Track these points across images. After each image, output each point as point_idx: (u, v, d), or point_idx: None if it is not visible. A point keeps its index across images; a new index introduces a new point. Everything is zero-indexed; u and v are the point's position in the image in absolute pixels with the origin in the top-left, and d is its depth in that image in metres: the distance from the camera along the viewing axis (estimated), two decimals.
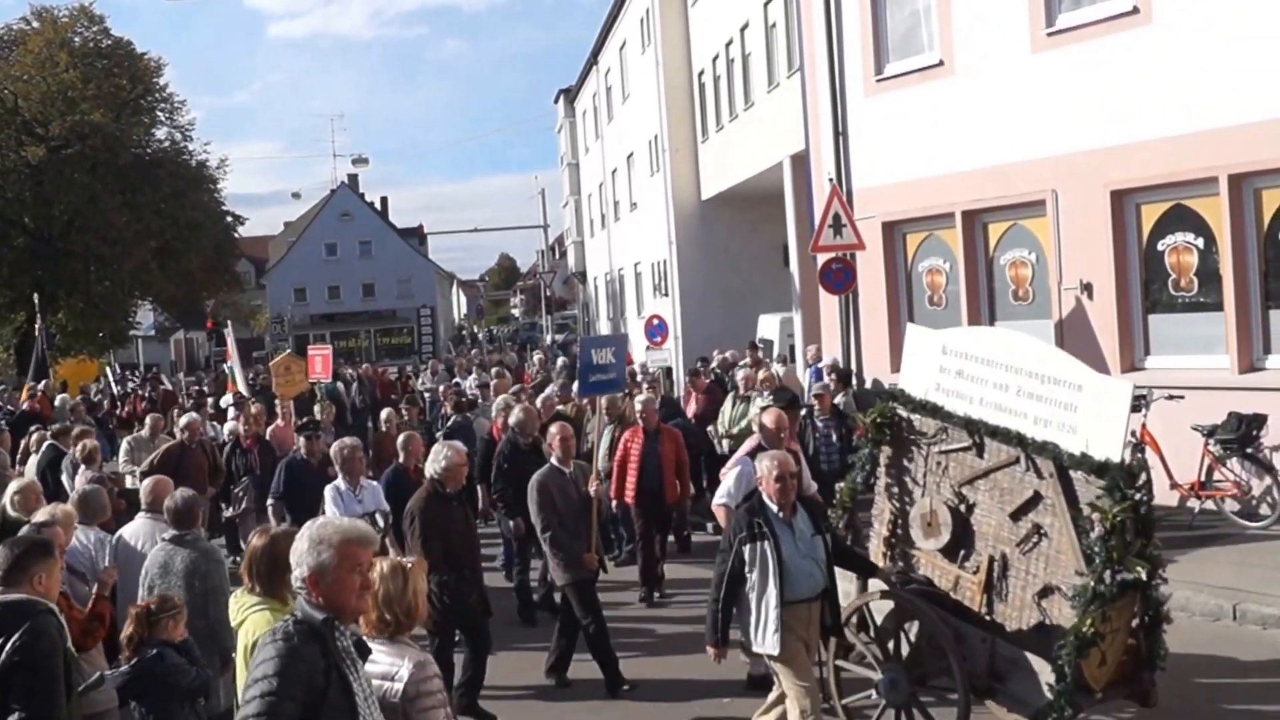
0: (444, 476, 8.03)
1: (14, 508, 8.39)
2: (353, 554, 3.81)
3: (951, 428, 7.23)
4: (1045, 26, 13.35)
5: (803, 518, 6.67)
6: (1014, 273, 14.39)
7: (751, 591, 6.53)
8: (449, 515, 7.97)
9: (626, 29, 35.86)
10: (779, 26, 21.73)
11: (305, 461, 11.04)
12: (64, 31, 42.04)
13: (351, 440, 9.93)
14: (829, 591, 6.72)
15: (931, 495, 7.37)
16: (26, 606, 4.75)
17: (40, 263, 40.20)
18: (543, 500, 8.80)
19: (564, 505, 8.82)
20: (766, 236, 26.44)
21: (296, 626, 3.72)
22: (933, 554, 7.33)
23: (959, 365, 7.32)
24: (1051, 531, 6.69)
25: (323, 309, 74.39)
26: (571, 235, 56.30)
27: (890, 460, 7.69)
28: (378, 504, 9.40)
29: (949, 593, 7.18)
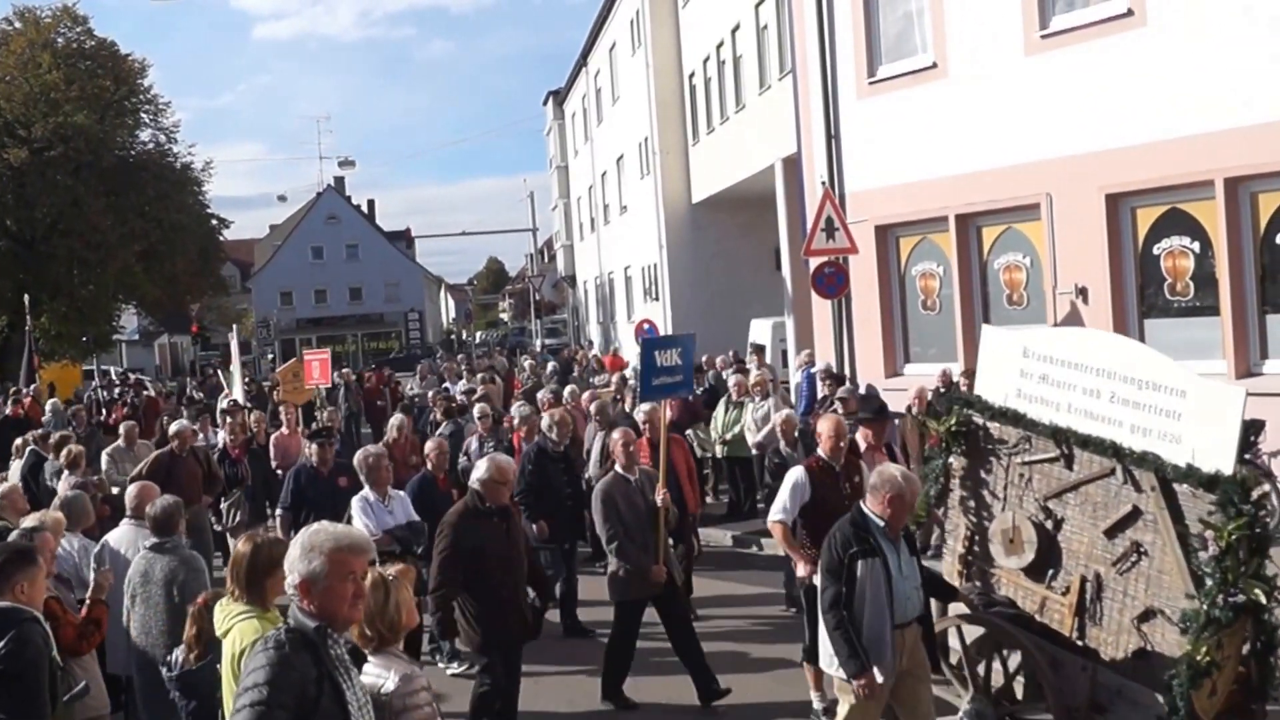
0: (484, 489, 7.40)
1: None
2: (344, 562, 3.75)
3: (1036, 437, 6.81)
4: (1039, 29, 13.32)
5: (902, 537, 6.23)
6: (1008, 277, 14.34)
7: (863, 612, 6.01)
8: (487, 532, 7.30)
9: (616, 31, 35.83)
10: (770, 28, 21.68)
11: (315, 470, 10.44)
12: (47, 32, 41.84)
13: (376, 448, 9.51)
14: (924, 617, 6.33)
15: (1013, 509, 6.94)
16: (12, 615, 4.74)
17: (22, 266, 40.01)
18: (608, 509, 8.35)
19: (630, 515, 8.35)
20: (758, 240, 26.40)
21: (289, 635, 3.67)
22: (1015, 573, 6.91)
23: (1043, 369, 6.91)
24: (1153, 550, 6.24)
25: (309, 313, 74.25)
26: (561, 239, 56.24)
27: (966, 471, 7.28)
28: (408, 514, 9.00)
29: (1034, 615, 6.76)
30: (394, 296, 74.21)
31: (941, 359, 14.70)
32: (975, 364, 13.75)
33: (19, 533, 6.17)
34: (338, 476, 10.29)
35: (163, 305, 50.43)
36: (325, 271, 74.13)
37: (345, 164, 66.04)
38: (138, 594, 6.75)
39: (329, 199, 75.55)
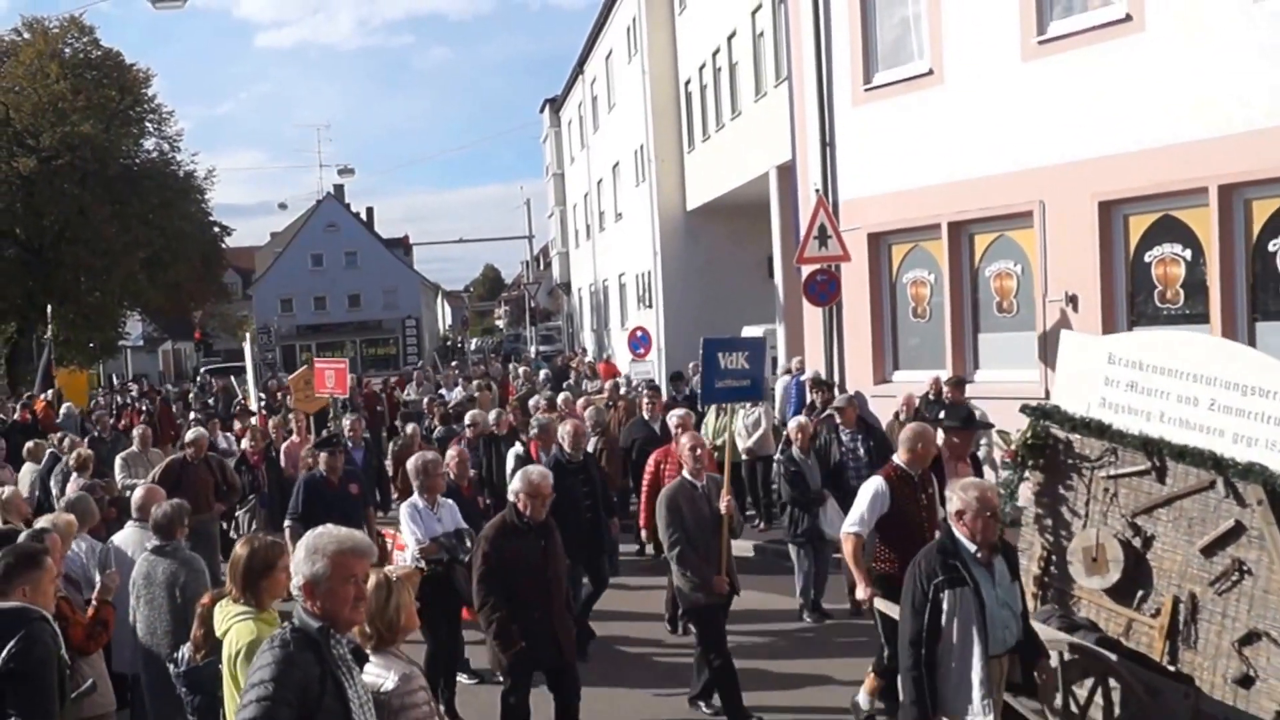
0: (519, 503, 7.09)
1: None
2: (347, 565, 3.89)
3: (1123, 449, 6.40)
4: (1036, 35, 13.31)
5: (999, 559, 5.74)
6: (999, 284, 14.38)
7: (949, 648, 5.47)
8: (524, 547, 6.97)
9: (613, 38, 35.91)
10: (766, 35, 21.76)
11: (325, 479, 10.41)
12: (54, 43, 42.07)
13: (432, 455, 9.30)
14: (1022, 646, 5.83)
15: (1097, 526, 6.52)
16: (20, 614, 4.81)
17: (31, 273, 40.28)
18: (672, 516, 8.07)
19: (694, 522, 8.07)
20: (751, 248, 26.45)
21: (293, 634, 3.81)
22: (1098, 594, 6.50)
23: (1130, 376, 6.52)
24: (1257, 568, 5.80)
25: (309, 320, 74.26)
26: (556, 246, 56.26)
27: (1042, 486, 6.88)
28: (456, 522, 8.81)
29: (1120, 638, 6.34)
30: (392, 303, 74.21)
31: (931, 366, 14.77)
32: (963, 372, 14.01)
33: (28, 534, 6.26)
34: (348, 485, 10.29)
35: (166, 312, 50.80)
36: (325, 278, 74.16)
37: (344, 172, 66.09)
38: (141, 595, 6.90)
39: (328, 207, 75.59)
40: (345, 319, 74.62)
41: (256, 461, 13.35)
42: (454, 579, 8.42)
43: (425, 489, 8.81)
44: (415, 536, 8.58)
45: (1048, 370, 13.38)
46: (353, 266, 74.66)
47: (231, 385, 29.67)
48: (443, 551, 8.51)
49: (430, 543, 8.51)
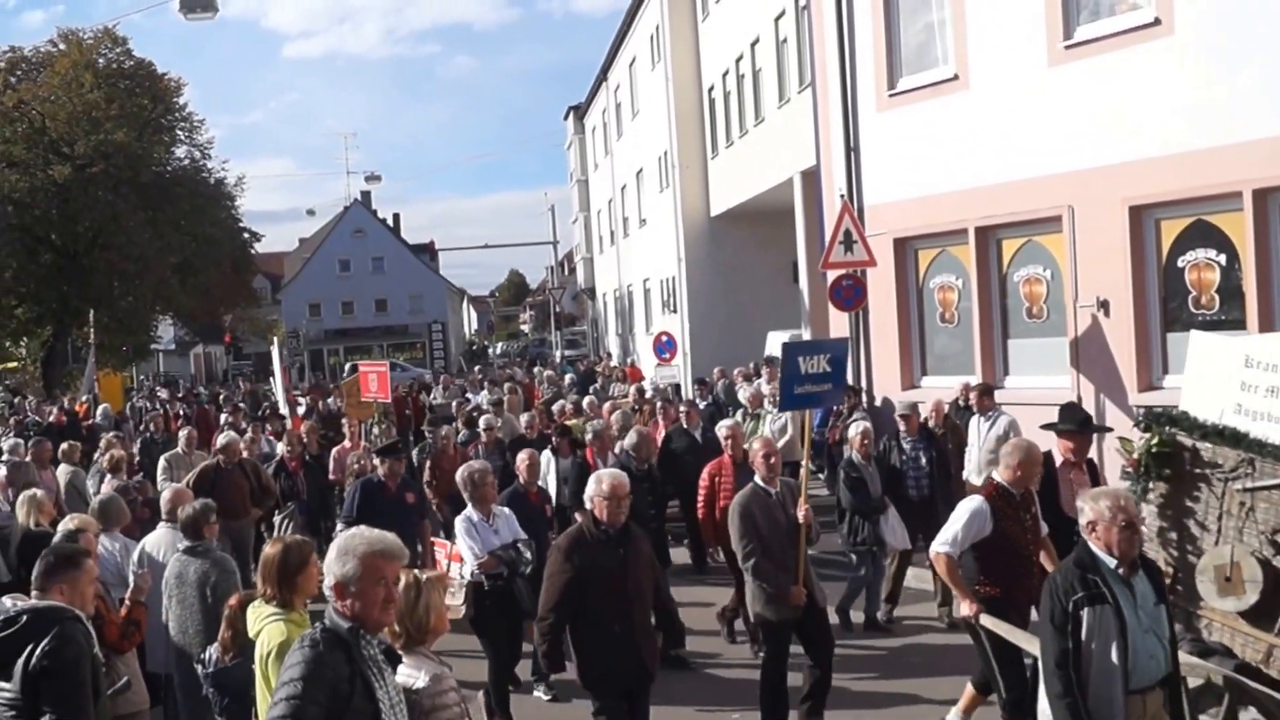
0: (596, 509, 6.61)
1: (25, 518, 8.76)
2: (377, 566, 3.91)
3: (1261, 459, 5.95)
4: (1063, 39, 13.20)
5: (1142, 578, 5.16)
6: (1028, 290, 14.28)
7: (1090, 673, 5.00)
8: (601, 557, 6.46)
9: (636, 45, 35.96)
10: (790, 41, 21.75)
11: (382, 484, 10.08)
12: (89, 53, 42.66)
13: (480, 464, 8.97)
14: (1171, 678, 5.25)
15: (1231, 543, 6.02)
16: (54, 613, 4.86)
17: (66, 279, 40.80)
18: (746, 525, 7.71)
19: (769, 530, 7.73)
20: (776, 253, 26.42)
21: (323, 634, 3.85)
22: (1232, 616, 6.00)
23: (1271, 380, 6.07)
24: None
25: (337, 324, 74.72)
26: (581, 251, 56.42)
27: (1166, 498, 6.40)
28: (514, 533, 8.45)
29: (1259, 665, 5.90)
30: (418, 308, 74.49)
31: (959, 372, 14.68)
32: (993, 378, 13.94)
33: (63, 535, 6.33)
34: (404, 493, 10.05)
35: (197, 316, 51.35)
36: (352, 283, 74.59)
37: (371, 179, 66.78)
38: (174, 595, 6.98)
39: (356, 213, 76.03)
40: (372, 323, 75.00)
41: (295, 467, 13.15)
42: (514, 592, 8.20)
43: (477, 499, 8.48)
44: (473, 551, 8.27)
45: (1079, 376, 13.34)
46: (379, 272, 75.05)
47: (258, 388, 29.88)
48: (501, 565, 8.22)
49: (488, 556, 8.21)
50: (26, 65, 42.86)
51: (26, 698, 4.72)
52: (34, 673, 4.71)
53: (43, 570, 5.07)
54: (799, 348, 8.95)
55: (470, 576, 8.26)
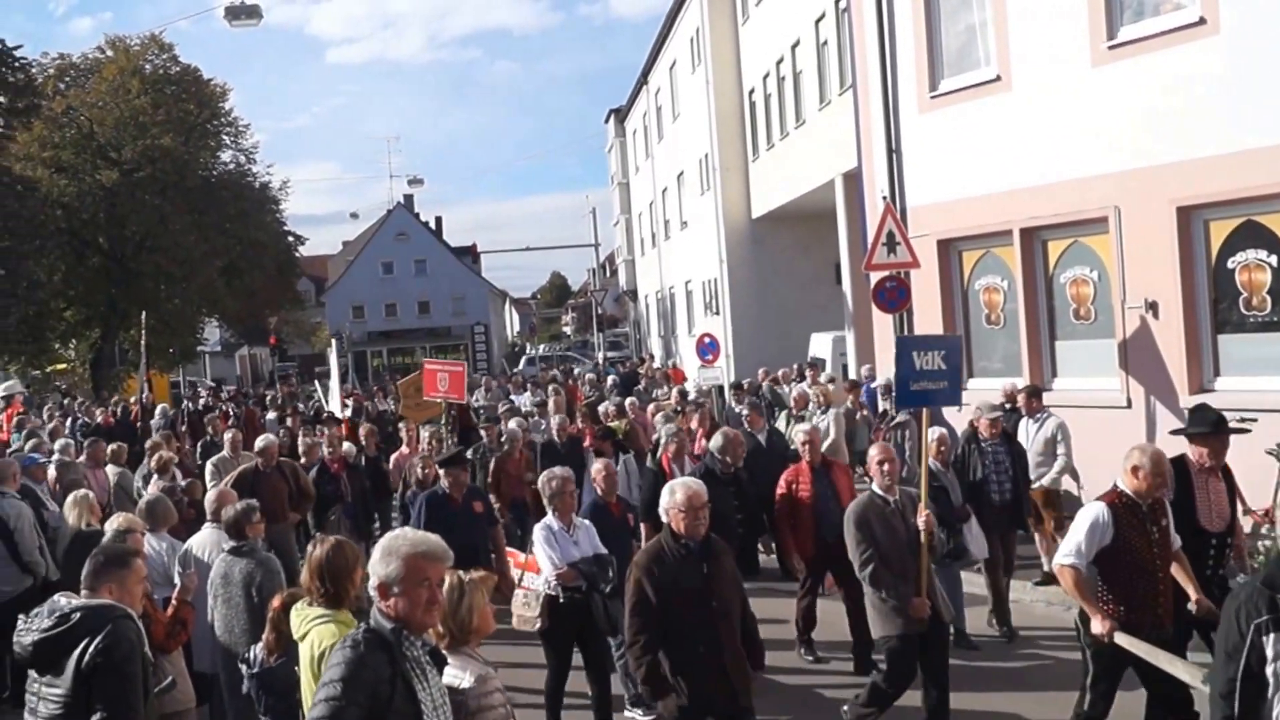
0: (674, 520, 6.13)
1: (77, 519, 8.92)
2: (420, 568, 3.91)
3: None
4: (1106, 39, 13.09)
5: None
6: (1075, 291, 14.15)
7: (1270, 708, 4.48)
8: (683, 573, 6.01)
9: (677, 49, 36.00)
10: (830, 44, 21.70)
11: (447, 496, 9.56)
12: (136, 59, 43.28)
13: (562, 470, 8.46)
14: None
15: None
16: (106, 612, 4.91)
17: (114, 282, 41.39)
18: (863, 533, 7.35)
19: (887, 539, 7.35)
20: (818, 255, 26.39)
21: (366, 635, 3.84)
22: None
23: None
24: None
25: (380, 326, 75.31)
26: (622, 254, 56.53)
27: None
28: (594, 546, 8.06)
29: None
30: (460, 310, 74.88)
31: (1006, 374, 14.57)
32: (1041, 380, 13.82)
33: (112, 534, 6.41)
34: (472, 502, 9.60)
35: (242, 318, 51.86)
36: (395, 286, 75.13)
37: (414, 182, 67.41)
38: (219, 595, 7.05)
39: (399, 216, 76.63)
40: (415, 325, 75.49)
41: (338, 470, 12.71)
42: (593, 607, 7.84)
43: (558, 508, 8.09)
44: (552, 562, 7.91)
45: (1128, 378, 13.20)
46: (422, 274, 75.55)
47: (298, 389, 30.04)
48: (580, 579, 7.83)
49: (568, 568, 7.84)
50: (75, 72, 43.52)
51: (78, 694, 4.77)
52: (86, 670, 4.76)
53: (93, 569, 5.12)
54: (913, 343, 8.62)
55: (547, 589, 7.96)
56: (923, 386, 8.30)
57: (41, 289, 36.01)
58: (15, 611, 5.22)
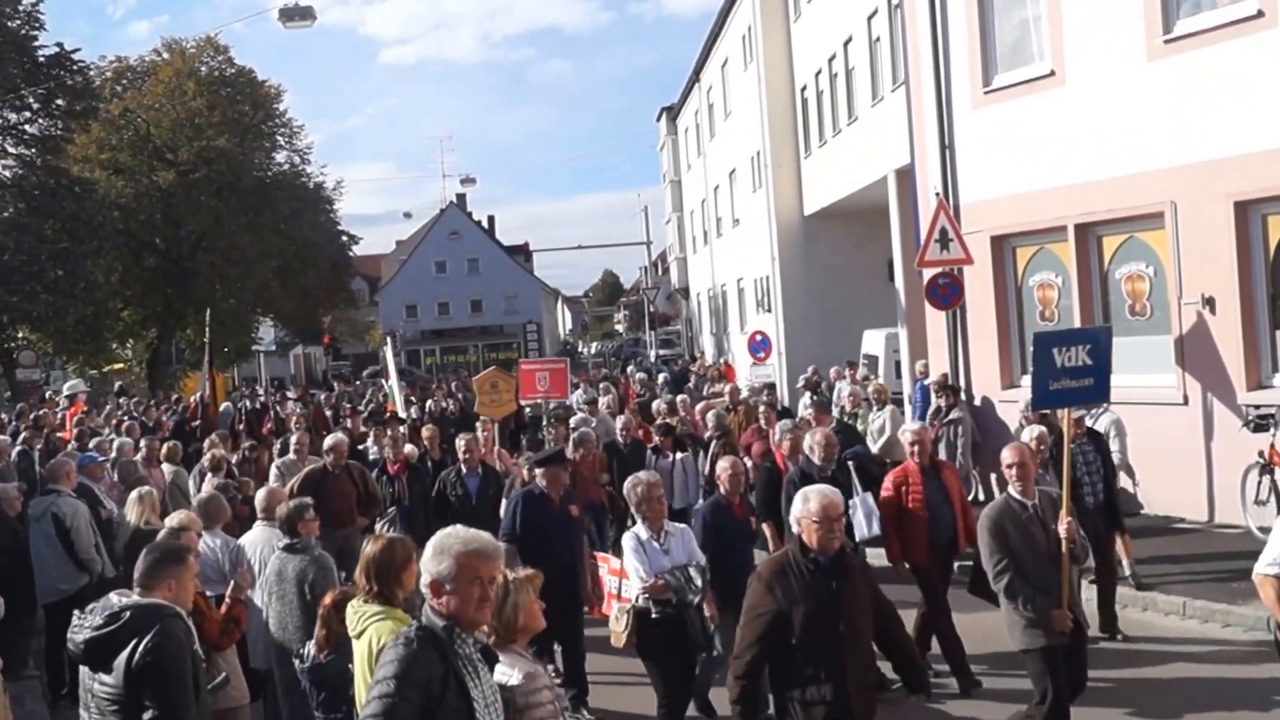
0: (805, 532, 5.55)
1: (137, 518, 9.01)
2: (472, 566, 3.92)
3: None
4: (1162, 33, 12.95)
5: None
6: (1130, 287, 14.01)
7: None
8: (810, 591, 5.42)
9: (728, 46, 35.94)
10: (883, 40, 21.58)
11: (544, 497, 8.89)
12: (191, 62, 43.84)
13: (648, 475, 7.99)
14: None
15: None
16: (156, 610, 4.96)
17: (170, 282, 41.94)
18: (997, 541, 6.83)
19: (1024, 546, 6.83)
20: (871, 252, 26.23)
21: (418, 633, 3.86)
22: None
23: None
24: None
25: (433, 325, 75.92)
26: (674, 251, 56.54)
27: None
28: (690, 554, 7.53)
29: None
30: (513, 309, 75.28)
31: None
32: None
33: (167, 532, 6.50)
34: (568, 505, 9.00)
35: (297, 318, 52.35)
36: (448, 285, 75.72)
37: (466, 181, 67.70)
38: (274, 592, 7.13)
39: (451, 215, 77.19)
40: (468, 324, 76.02)
41: (396, 471, 12.12)
42: (686, 620, 7.35)
43: (648, 515, 7.61)
44: (639, 573, 7.44)
45: (1185, 374, 13.04)
46: (475, 273, 76.08)
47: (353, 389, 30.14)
48: (670, 591, 7.35)
49: (655, 580, 7.36)
50: (132, 74, 44.16)
51: (129, 692, 4.83)
52: (136, 669, 4.82)
53: (147, 566, 5.15)
54: (1053, 338, 7.98)
55: (637, 601, 7.48)
56: (1064, 385, 7.66)
57: (99, 289, 36.51)
58: (72, 609, 5.28)
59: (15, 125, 36.11)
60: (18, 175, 36.01)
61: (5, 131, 36.00)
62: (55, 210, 34.64)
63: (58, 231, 34.48)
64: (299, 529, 7.27)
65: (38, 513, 9.86)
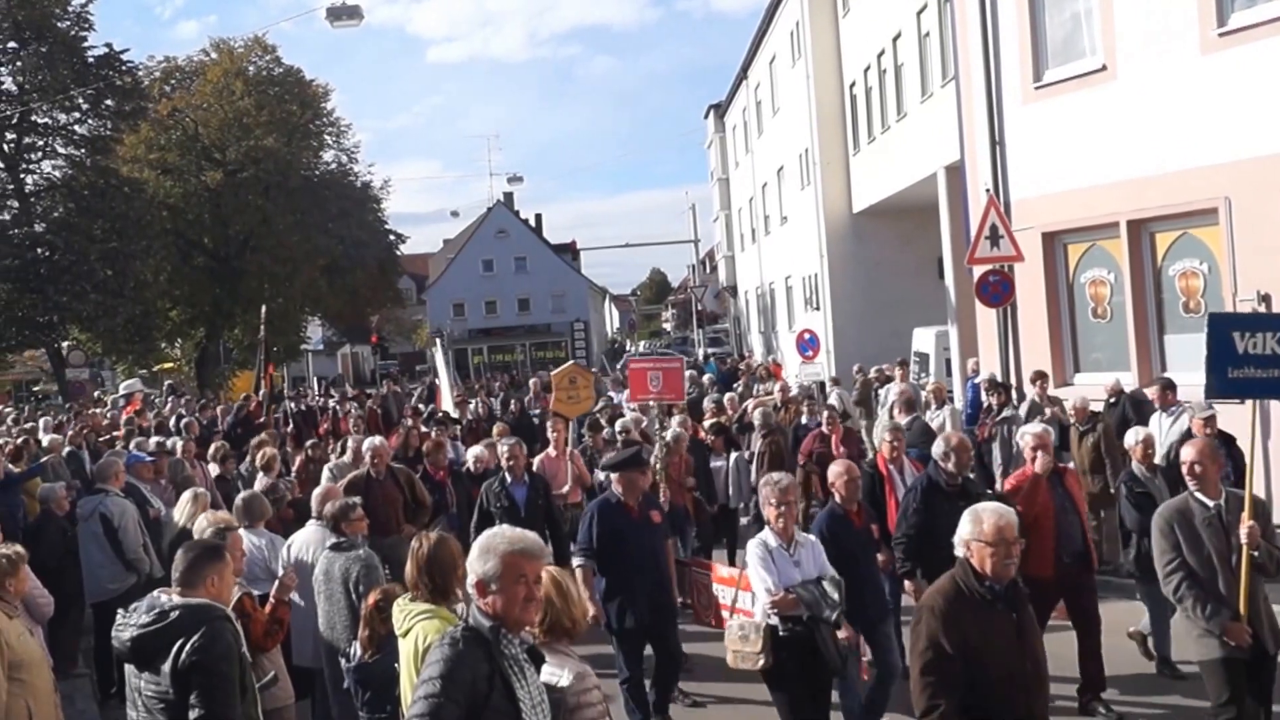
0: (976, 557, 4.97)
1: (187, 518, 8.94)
2: (517, 565, 3.91)
3: None
4: (1216, 27, 12.78)
5: None
6: (1184, 284, 13.83)
7: None
8: (988, 624, 4.89)
9: (776, 43, 35.81)
10: (932, 35, 21.42)
11: (621, 504, 8.06)
12: (239, 62, 44.26)
13: (782, 476, 7.19)
14: None
15: None
16: (204, 611, 4.98)
17: (218, 281, 42.38)
18: (1168, 541, 6.37)
19: (1192, 549, 6.32)
20: (920, 249, 26.04)
21: (464, 633, 3.85)
22: None
23: None
24: None
25: (480, 324, 76.18)
26: (722, 249, 56.45)
27: None
28: (820, 567, 6.87)
29: None
30: (560, 307, 75.44)
31: (1113, 368, 14.28)
32: (1149, 375, 13.49)
33: (213, 532, 6.56)
34: (649, 510, 8.25)
35: (344, 317, 52.71)
36: (495, 283, 75.95)
37: (514, 180, 68.14)
38: (322, 591, 7.16)
39: (498, 214, 77.43)
40: (515, 323, 76.22)
41: (441, 477, 11.56)
42: (818, 640, 6.64)
43: (781, 522, 6.88)
44: (766, 585, 6.72)
45: None
46: (522, 271, 76.26)
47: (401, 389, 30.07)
48: (802, 607, 6.66)
49: (785, 594, 6.67)
50: (180, 74, 44.68)
51: (175, 691, 4.86)
52: (182, 669, 4.84)
53: (187, 565, 5.14)
54: (1232, 321, 7.32)
55: (766, 617, 6.77)
56: (1247, 374, 6.90)
57: (148, 289, 37.04)
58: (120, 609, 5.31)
59: (65, 126, 36.75)
60: (67, 175, 36.63)
61: (55, 132, 36.65)
62: (104, 210, 35.18)
63: (107, 231, 35.01)
64: (343, 527, 7.30)
65: (86, 512, 9.95)
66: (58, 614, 8.14)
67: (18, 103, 34.71)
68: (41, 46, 34.53)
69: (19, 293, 34.15)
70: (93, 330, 35.83)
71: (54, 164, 37.21)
